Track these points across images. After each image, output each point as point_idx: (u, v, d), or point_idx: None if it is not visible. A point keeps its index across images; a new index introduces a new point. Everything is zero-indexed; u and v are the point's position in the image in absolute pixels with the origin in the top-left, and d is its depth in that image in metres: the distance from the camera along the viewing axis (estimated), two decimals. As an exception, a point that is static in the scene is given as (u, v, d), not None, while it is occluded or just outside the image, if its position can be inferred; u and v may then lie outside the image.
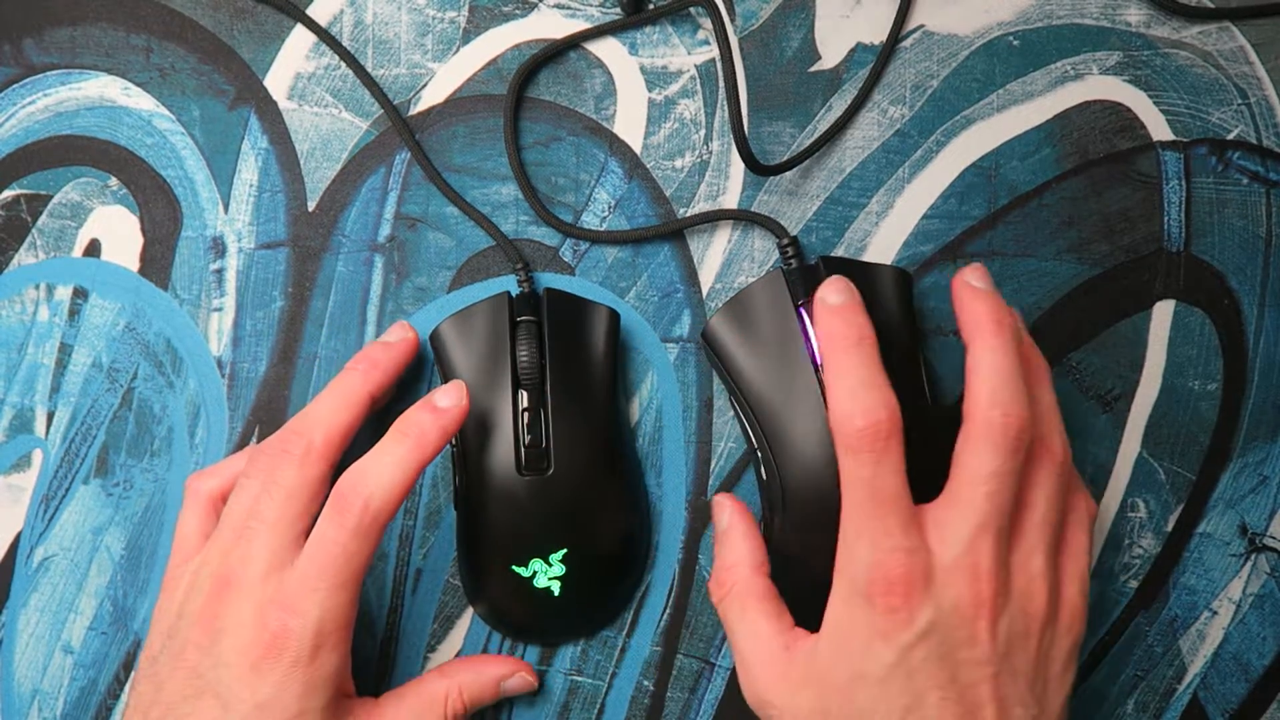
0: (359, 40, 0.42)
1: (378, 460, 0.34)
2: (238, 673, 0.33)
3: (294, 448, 0.35)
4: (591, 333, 0.39)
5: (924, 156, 0.42)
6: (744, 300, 0.38)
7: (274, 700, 0.32)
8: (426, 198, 0.42)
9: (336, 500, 0.34)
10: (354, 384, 0.37)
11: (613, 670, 0.41)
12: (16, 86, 0.43)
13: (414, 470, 0.34)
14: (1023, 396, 0.33)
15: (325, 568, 0.33)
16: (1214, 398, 0.41)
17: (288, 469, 0.35)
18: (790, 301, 0.38)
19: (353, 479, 0.34)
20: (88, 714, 0.41)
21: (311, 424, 0.36)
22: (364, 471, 0.34)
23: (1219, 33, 0.42)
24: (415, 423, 0.35)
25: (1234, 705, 0.41)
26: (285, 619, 0.33)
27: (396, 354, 0.38)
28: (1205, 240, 0.41)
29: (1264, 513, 0.41)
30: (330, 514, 0.34)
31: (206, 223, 0.42)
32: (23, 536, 0.42)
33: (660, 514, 0.41)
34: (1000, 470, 0.32)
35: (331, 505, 0.34)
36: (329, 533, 0.33)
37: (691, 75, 0.42)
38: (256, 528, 0.34)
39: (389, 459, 0.34)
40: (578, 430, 0.38)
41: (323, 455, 0.35)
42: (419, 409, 0.36)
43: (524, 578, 0.38)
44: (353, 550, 0.33)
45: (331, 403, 0.36)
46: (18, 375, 0.42)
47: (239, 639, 0.33)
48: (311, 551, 0.33)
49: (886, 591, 0.32)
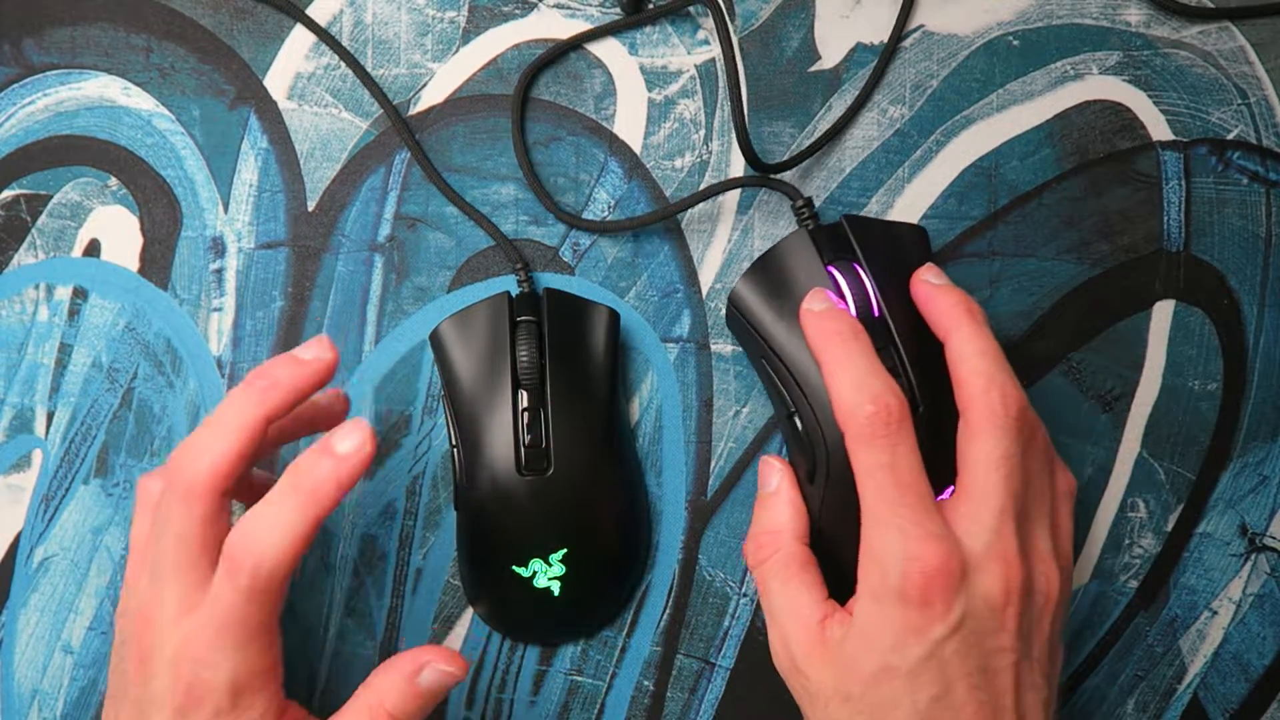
0: (359, 40, 0.42)
1: (265, 519, 0.31)
2: (167, 714, 0.32)
3: (177, 485, 0.32)
4: (591, 333, 0.39)
5: (924, 156, 0.42)
6: (771, 261, 0.38)
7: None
8: (426, 198, 0.42)
9: (226, 561, 0.31)
10: (246, 407, 0.33)
11: (613, 670, 0.41)
12: (16, 86, 0.43)
13: (306, 529, 0.31)
14: (1014, 377, 0.33)
15: (224, 627, 0.31)
16: (1214, 398, 0.41)
17: (174, 509, 0.32)
18: (819, 261, 0.37)
19: (240, 539, 0.31)
20: (88, 714, 0.41)
21: (193, 457, 0.32)
22: (249, 533, 0.31)
23: (1219, 33, 0.42)
24: (308, 473, 0.31)
25: (1234, 705, 0.41)
26: (197, 670, 0.31)
27: (305, 374, 0.34)
28: (1205, 240, 0.41)
29: (1264, 513, 0.41)
30: (222, 574, 0.31)
31: (206, 223, 0.42)
32: (23, 536, 0.42)
33: (660, 514, 0.41)
34: (1010, 452, 0.32)
35: (223, 565, 0.31)
36: (224, 594, 0.31)
37: (691, 75, 0.42)
38: (159, 571, 0.33)
39: (279, 517, 0.31)
40: (578, 430, 0.38)
41: (206, 492, 0.32)
42: (315, 454, 0.32)
43: (524, 578, 0.38)
44: (249, 612, 0.31)
45: (217, 430, 0.32)
46: (18, 375, 0.42)
47: (163, 682, 0.32)
48: (210, 610, 0.31)
49: (924, 585, 0.31)
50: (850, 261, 0.37)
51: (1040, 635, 0.33)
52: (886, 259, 0.37)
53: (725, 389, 0.41)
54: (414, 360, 0.41)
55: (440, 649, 0.34)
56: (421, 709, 0.34)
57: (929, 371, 0.36)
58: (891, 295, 0.36)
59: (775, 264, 0.38)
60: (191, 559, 0.32)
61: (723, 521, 0.41)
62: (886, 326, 0.36)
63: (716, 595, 0.41)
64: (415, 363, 0.41)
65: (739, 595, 0.41)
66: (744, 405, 0.41)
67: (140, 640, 0.33)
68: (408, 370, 0.41)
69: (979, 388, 0.33)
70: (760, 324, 0.38)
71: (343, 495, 0.32)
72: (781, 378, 0.37)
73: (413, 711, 0.34)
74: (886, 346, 0.36)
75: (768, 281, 0.38)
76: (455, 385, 0.39)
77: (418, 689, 0.34)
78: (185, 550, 0.32)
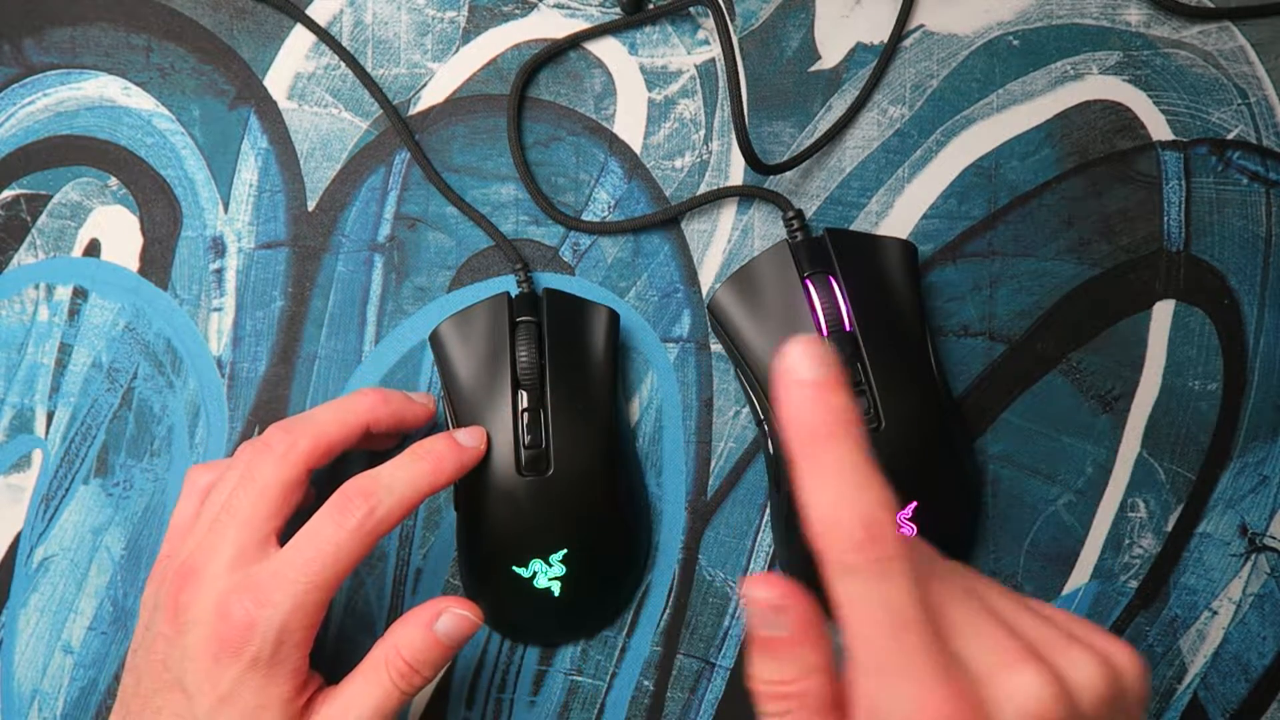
0: (359, 40, 0.42)
1: (392, 471, 0.34)
2: (200, 665, 0.32)
3: (278, 445, 0.35)
4: (591, 333, 0.39)
5: (924, 156, 0.42)
6: (750, 272, 0.39)
7: (235, 693, 0.32)
8: (426, 198, 0.42)
9: (340, 500, 0.33)
10: (359, 405, 0.37)
11: (613, 670, 0.41)
12: (16, 86, 0.43)
13: (426, 489, 0.34)
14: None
15: (311, 561, 0.33)
16: (1214, 398, 0.41)
17: (266, 465, 0.34)
18: (796, 273, 0.38)
19: (363, 483, 0.34)
20: (88, 714, 0.41)
21: (304, 427, 0.35)
22: (376, 477, 0.34)
23: (1219, 32, 0.42)
24: (434, 449, 0.35)
25: (1234, 705, 0.41)
26: (252, 610, 0.32)
27: (409, 407, 0.38)
28: (1205, 240, 0.41)
29: (1264, 513, 0.41)
30: (330, 511, 0.33)
31: (206, 223, 0.42)
32: (23, 536, 0.42)
33: (660, 514, 0.41)
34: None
35: (333, 504, 0.34)
36: (325, 529, 0.33)
37: (691, 75, 0.42)
38: (226, 521, 0.34)
39: (404, 473, 0.34)
40: (578, 430, 0.38)
41: (304, 458, 0.35)
42: (441, 438, 0.36)
43: (524, 578, 0.38)
44: (345, 551, 0.33)
45: (331, 414, 0.36)
46: (18, 375, 0.42)
47: (203, 632, 0.33)
48: (300, 544, 0.33)
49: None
50: (826, 275, 0.38)
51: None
52: (865, 273, 0.38)
53: (725, 389, 0.41)
54: (414, 360, 0.41)
55: (457, 598, 0.35)
56: (439, 659, 0.34)
57: (895, 388, 0.37)
58: (865, 310, 0.37)
59: (754, 275, 0.39)
60: (266, 514, 0.34)
61: (723, 521, 0.41)
62: (856, 343, 0.37)
63: (716, 595, 0.41)
64: (415, 363, 0.41)
65: (739, 595, 0.41)
66: (744, 405, 0.41)
67: (179, 594, 0.33)
68: (408, 370, 0.41)
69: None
70: (735, 333, 0.39)
71: (457, 477, 0.35)
72: (753, 388, 0.39)
73: (431, 660, 0.34)
74: (853, 362, 0.37)
75: (745, 292, 0.39)
76: (455, 385, 0.39)
77: (434, 637, 0.34)
78: (264, 504, 0.34)
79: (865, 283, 0.38)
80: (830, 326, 0.37)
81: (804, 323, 0.38)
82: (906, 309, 0.38)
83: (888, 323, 0.37)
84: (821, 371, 0.26)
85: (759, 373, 0.38)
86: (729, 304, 0.39)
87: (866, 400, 0.37)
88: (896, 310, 0.38)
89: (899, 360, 0.37)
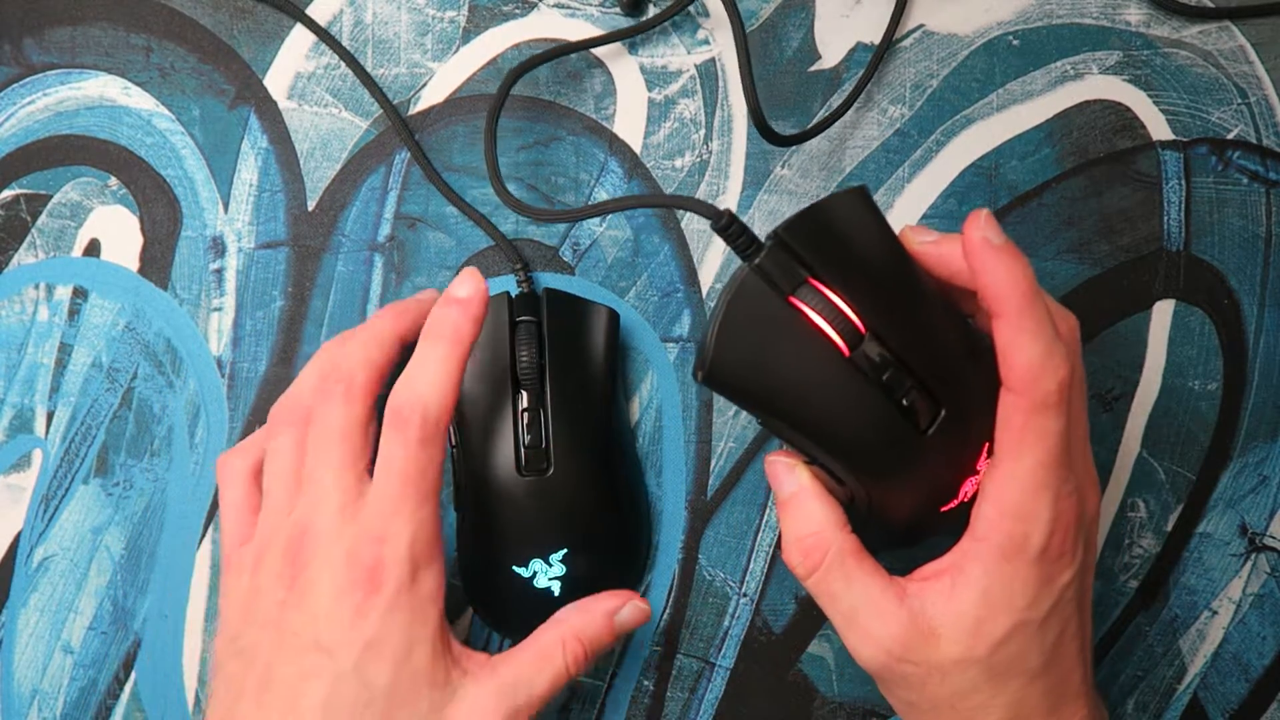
0: (359, 40, 0.42)
1: (421, 368, 0.34)
2: (339, 618, 0.32)
3: (334, 389, 0.34)
4: (591, 333, 0.39)
5: (924, 156, 0.42)
6: (733, 322, 0.31)
7: (383, 636, 0.32)
8: (426, 197, 0.42)
9: (393, 418, 0.33)
10: (385, 325, 0.36)
11: (613, 670, 0.41)
12: (16, 86, 0.43)
13: (458, 366, 0.34)
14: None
15: (404, 485, 0.33)
16: (1214, 398, 0.41)
17: (334, 410, 0.34)
18: (778, 296, 0.31)
19: (403, 393, 0.33)
20: (87, 714, 0.41)
21: (349, 363, 0.35)
22: (411, 381, 0.33)
23: (1219, 32, 0.42)
24: (444, 321, 0.34)
25: (1234, 705, 0.41)
26: (377, 550, 0.32)
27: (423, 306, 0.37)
28: (1205, 240, 0.41)
29: (1264, 513, 0.41)
30: (391, 434, 0.33)
31: (206, 222, 0.42)
32: (22, 536, 0.42)
33: (660, 514, 0.41)
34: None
35: (390, 425, 0.33)
36: (395, 452, 0.33)
37: (691, 75, 0.42)
38: (319, 473, 0.33)
39: (431, 363, 0.34)
40: (578, 430, 0.38)
41: (366, 391, 0.35)
42: (442, 306, 0.35)
43: (524, 578, 0.38)
44: (424, 461, 0.33)
45: (367, 341, 0.36)
46: (17, 375, 0.42)
47: (333, 584, 0.32)
48: (383, 476, 0.33)
49: (1063, 540, 0.32)
50: (809, 282, 0.31)
51: (1093, 543, 0.34)
52: (843, 258, 0.32)
53: (725, 389, 0.41)
54: (414, 360, 0.41)
55: (637, 594, 0.37)
56: (610, 644, 0.36)
57: (941, 369, 0.32)
58: (868, 301, 0.32)
59: (738, 323, 0.31)
60: (354, 456, 0.34)
61: (723, 521, 0.41)
62: (880, 341, 0.31)
63: (716, 595, 0.41)
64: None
65: (739, 595, 0.41)
66: (744, 405, 0.41)
67: (296, 555, 0.33)
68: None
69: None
70: (758, 395, 0.32)
71: (478, 332, 0.34)
72: (798, 443, 0.33)
73: (604, 648, 0.36)
74: (887, 366, 0.31)
75: (742, 346, 0.32)
76: (455, 385, 0.39)
77: (613, 624, 0.36)
78: (349, 445, 0.34)
79: (848, 267, 0.32)
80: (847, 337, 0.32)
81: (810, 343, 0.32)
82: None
83: (898, 305, 0.32)
84: (1006, 238, 0.32)
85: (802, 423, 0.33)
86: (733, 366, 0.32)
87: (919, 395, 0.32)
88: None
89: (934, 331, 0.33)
